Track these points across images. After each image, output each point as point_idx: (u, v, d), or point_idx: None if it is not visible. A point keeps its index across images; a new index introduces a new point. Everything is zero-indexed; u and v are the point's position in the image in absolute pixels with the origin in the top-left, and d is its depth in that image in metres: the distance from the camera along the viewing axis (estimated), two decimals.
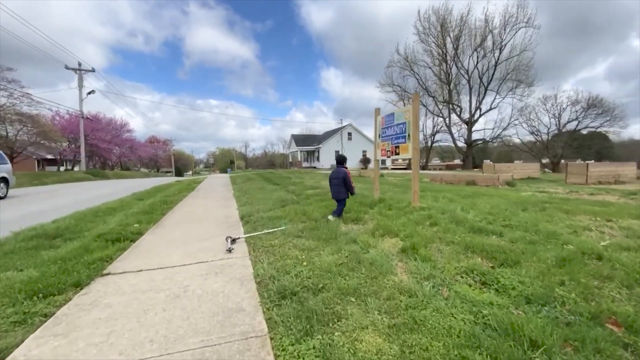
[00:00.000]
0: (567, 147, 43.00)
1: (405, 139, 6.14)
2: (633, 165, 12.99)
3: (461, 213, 5.18)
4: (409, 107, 6.04)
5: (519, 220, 4.56)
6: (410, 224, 4.52)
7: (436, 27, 41.24)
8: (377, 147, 7.32)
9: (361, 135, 46.88)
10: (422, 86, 44.74)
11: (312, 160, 48.98)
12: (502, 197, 7.03)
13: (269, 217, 5.90)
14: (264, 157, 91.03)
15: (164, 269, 3.74)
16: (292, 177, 17.06)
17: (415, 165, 5.94)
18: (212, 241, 4.72)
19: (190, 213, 7.33)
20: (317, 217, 5.38)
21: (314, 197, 8.02)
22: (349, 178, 5.39)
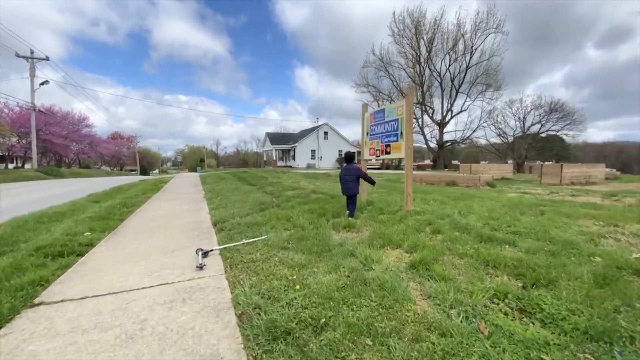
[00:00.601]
0: (530, 149, 45.45)
1: (398, 137, 5.66)
2: (602, 167, 13.63)
3: (460, 218, 4.77)
4: (401, 103, 5.56)
5: (524, 226, 4.20)
6: (411, 232, 4.02)
7: (410, 30, 41.87)
8: (364, 146, 6.80)
9: (337, 134, 46.63)
10: (396, 87, 45.32)
11: (288, 159, 48.05)
12: (492, 199, 6.78)
13: (246, 223, 5.18)
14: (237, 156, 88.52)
15: (116, 294, 2.96)
16: (268, 177, 16.24)
17: (409, 166, 5.47)
18: (180, 254, 3.95)
19: (154, 218, 6.41)
20: (303, 224, 4.74)
21: (295, 199, 7.36)
22: (363, 172, 5.49)
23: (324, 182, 12.37)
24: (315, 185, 10.86)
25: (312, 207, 6.10)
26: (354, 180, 5.35)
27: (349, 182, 5.34)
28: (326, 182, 12.73)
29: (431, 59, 42.51)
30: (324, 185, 11.15)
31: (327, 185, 11.11)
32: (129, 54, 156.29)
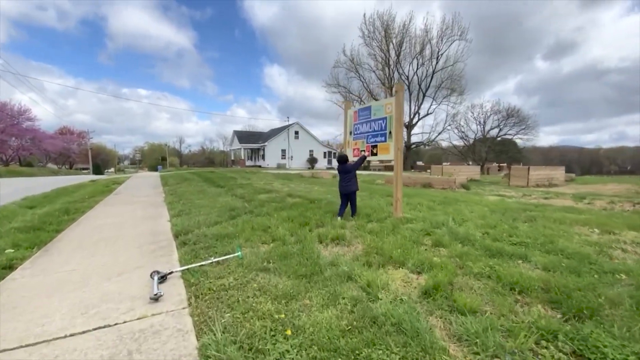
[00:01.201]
0: (490, 152, 48.11)
1: (386, 137, 5.18)
2: (562, 170, 14.40)
3: (457, 226, 4.38)
4: (390, 100, 5.08)
5: (527, 235, 3.89)
6: (410, 245, 3.52)
7: (380, 32, 42.40)
8: (347, 146, 6.26)
9: (308, 134, 46.00)
10: (366, 89, 45.75)
11: (257, 159, 46.60)
12: (477, 203, 6.56)
13: (215, 234, 4.41)
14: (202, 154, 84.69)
15: (31, 347, 2.15)
16: (237, 178, 15.22)
17: (399, 170, 5.01)
18: (129, 278, 3.14)
19: (102, 228, 5.38)
20: (284, 236, 4.07)
21: (270, 205, 6.64)
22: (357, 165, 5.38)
23: (299, 184, 11.70)
24: (289, 188, 10.16)
25: (291, 214, 5.43)
26: (353, 177, 5.24)
27: (349, 180, 5.22)
28: (301, 184, 12.07)
29: (400, 62, 43.39)
30: (299, 187, 10.49)
31: (303, 187, 10.47)
32: (82, 42, 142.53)
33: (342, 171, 5.37)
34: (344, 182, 5.28)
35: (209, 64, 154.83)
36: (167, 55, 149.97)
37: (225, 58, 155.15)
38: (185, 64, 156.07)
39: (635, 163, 75.04)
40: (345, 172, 5.31)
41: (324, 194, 8.48)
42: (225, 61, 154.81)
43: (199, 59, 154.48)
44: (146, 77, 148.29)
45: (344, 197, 5.38)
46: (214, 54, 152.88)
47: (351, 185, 5.23)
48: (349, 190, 5.23)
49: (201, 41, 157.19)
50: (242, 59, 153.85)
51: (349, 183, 5.23)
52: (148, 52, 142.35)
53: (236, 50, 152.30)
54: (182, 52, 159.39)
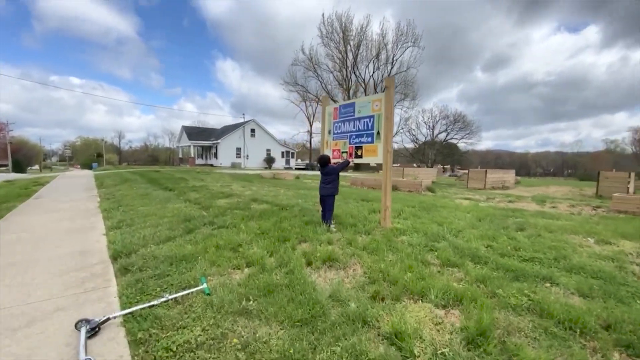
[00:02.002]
0: (438, 154, 51.20)
1: (373, 137, 4.61)
2: (513, 173, 15.42)
3: (456, 239, 3.95)
4: (379, 96, 4.52)
5: (532, 248, 3.57)
6: (417, 265, 2.95)
7: (339, 34, 42.60)
8: (325, 147, 5.59)
9: (265, 132, 44.41)
10: (324, 89, 45.71)
11: (209, 157, 43.78)
12: (455, 208, 6.34)
13: (168, 255, 3.44)
14: (145, 151, 77.58)
15: None
16: (188, 179, 13.68)
17: (388, 174, 4.47)
18: (43, 332, 2.13)
19: (10, 247, 4.03)
20: (261, 257, 3.26)
21: (234, 213, 5.69)
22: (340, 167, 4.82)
23: (261, 187, 10.73)
24: (252, 191, 9.18)
25: (264, 225, 4.60)
26: (335, 179, 4.71)
27: (331, 182, 4.67)
28: (263, 186, 11.10)
29: (357, 65, 44.04)
30: (262, 190, 9.54)
31: (267, 190, 9.54)
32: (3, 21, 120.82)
33: (323, 173, 4.73)
34: (323, 184, 4.72)
35: (154, 54, 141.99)
36: (106, 42, 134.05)
37: (173, 49, 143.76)
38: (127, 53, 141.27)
39: (556, 166, 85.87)
40: (327, 174, 4.68)
41: (293, 198, 7.70)
42: (173, 52, 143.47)
43: (143, 48, 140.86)
44: (80, 65, 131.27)
45: (323, 203, 4.77)
46: (160, 44, 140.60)
47: (330, 187, 4.67)
48: (327, 193, 4.68)
49: (146, 29, 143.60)
50: (191, 50, 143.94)
51: (328, 185, 4.68)
52: (83, 37, 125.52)
53: (185, 41, 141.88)
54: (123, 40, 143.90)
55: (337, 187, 4.70)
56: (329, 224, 4.60)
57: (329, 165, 4.73)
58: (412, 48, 41.58)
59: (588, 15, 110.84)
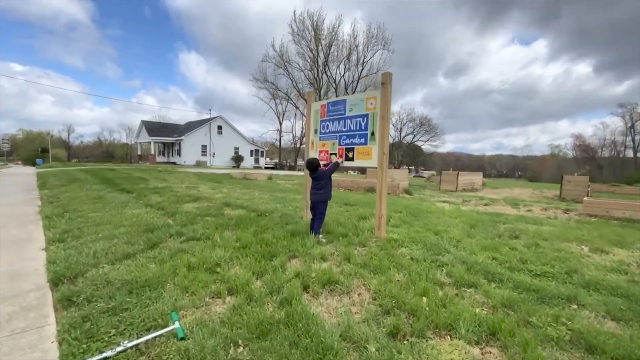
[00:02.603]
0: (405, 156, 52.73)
1: (367, 138, 4.20)
2: (480, 175, 16.00)
3: (457, 250, 3.65)
4: (374, 93, 4.12)
5: (539, 260, 3.36)
6: (431, 288, 2.57)
7: (310, 32, 42.11)
8: (310, 147, 5.09)
9: (233, 130, 42.67)
10: (295, 87, 45.03)
11: (171, 155, 41.20)
12: (440, 213, 6.14)
13: (125, 279, 2.77)
14: (98, 147, 71.55)
15: None
16: (148, 179, 12.46)
17: (383, 179, 4.08)
18: None
19: None
20: (247, 281, 2.69)
21: (206, 221, 5.01)
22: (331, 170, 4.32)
23: (233, 189, 9.94)
24: (223, 194, 8.41)
25: (243, 236, 4.00)
26: (327, 184, 4.23)
27: (322, 187, 4.20)
28: (235, 187, 10.31)
29: (328, 64, 43.86)
30: (234, 193, 8.80)
31: (240, 193, 8.81)
32: None
33: (314, 178, 4.27)
34: (315, 190, 4.25)
35: (110, 42, 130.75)
36: (55, 26, 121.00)
37: (132, 38, 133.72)
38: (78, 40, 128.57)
39: (509, 168, 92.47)
40: (318, 179, 4.22)
41: (271, 202, 7.09)
42: (132, 41, 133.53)
43: (97, 35, 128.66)
44: (23, 49, 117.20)
45: (314, 209, 4.30)
46: (117, 32, 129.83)
47: (322, 193, 4.20)
48: (319, 199, 4.22)
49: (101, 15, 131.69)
50: (153, 41, 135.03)
51: (320, 191, 4.20)
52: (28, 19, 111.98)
53: (146, 30, 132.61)
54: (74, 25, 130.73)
55: (329, 192, 4.25)
56: (318, 233, 4.12)
57: (319, 169, 4.25)
58: (382, 51, 42.24)
59: (538, 30, 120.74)
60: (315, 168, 4.22)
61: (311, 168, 4.25)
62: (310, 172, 4.28)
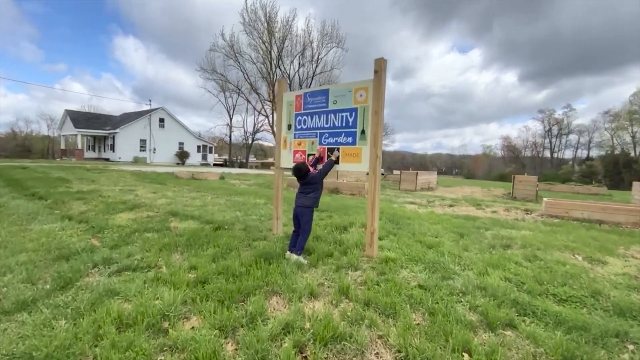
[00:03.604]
0: None
1: (355, 137, 3.50)
2: (435, 174, 16.47)
3: (463, 270, 3.14)
4: (365, 83, 3.43)
5: (555, 280, 2.97)
6: (467, 336, 1.96)
7: (263, 23, 40.35)
8: (282, 145, 4.24)
9: (177, 123, 39.08)
10: (247, 80, 42.93)
11: (103, 150, 36.41)
12: (419, 218, 5.72)
13: (19, 353, 1.70)
14: (12, 140, 60.90)
15: None
16: (71, 179, 10.38)
17: (375, 187, 3.41)
18: None
19: None
20: (213, 351, 1.81)
21: (145, 238, 3.88)
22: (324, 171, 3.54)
23: (180, 191, 8.55)
24: (168, 199, 7.08)
25: (199, 263, 3.03)
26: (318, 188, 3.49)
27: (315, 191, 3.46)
28: (182, 190, 8.91)
29: (282, 58, 42.52)
30: (182, 197, 7.49)
31: (189, 197, 7.53)
32: None
33: (303, 183, 3.52)
34: (303, 193, 3.50)
35: (29, 20, 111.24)
36: None
37: (57, 17, 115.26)
38: None
39: (447, 166, 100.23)
40: (308, 184, 3.48)
41: (229, 209, 6.04)
42: (56, 20, 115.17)
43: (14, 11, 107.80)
44: None
45: (297, 220, 3.51)
46: (38, 8, 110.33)
47: (312, 197, 3.45)
48: (306, 204, 3.44)
49: None
50: (81, 21, 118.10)
51: (310, 194, 3.46)
52: None
53: (73, 8, 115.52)
54: None
55: (318, 199, 3.49)
56: (299, 252, 3.32)
57: (309, 174, 3.45)
58: (337, 49, 42.18)
59: (473, 40, 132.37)
60: (304, 175, 3.42)
61: (300, 175, 3.43)
62: (299, 179, 3.47)
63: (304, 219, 3.39)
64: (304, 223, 3.39)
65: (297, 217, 3.48)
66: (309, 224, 3.41)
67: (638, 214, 6.34)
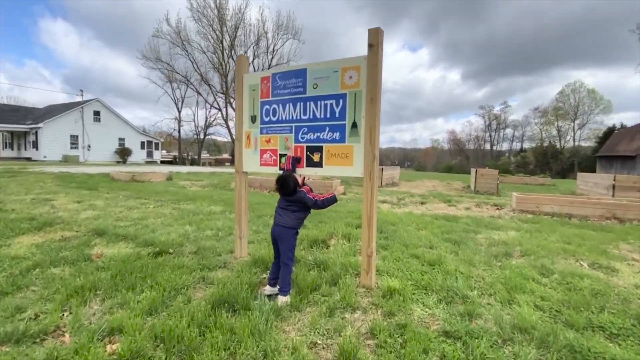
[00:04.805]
0: None
1: (344, 132, 2.69)
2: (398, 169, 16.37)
3: (483, 298, 2.51)
4: (356, 61, 2.63)
5: (589, 304, 2.46)
6: None
7: (213, 10, 37.58)
8: (245, 143, 3.28)
9: (116, 116, 34.85)
10: (197, 71, 39.84)
11: (24, 147, 31.20)
12: (401, 222, 5.12)
13: None
14: None
15: None
16: None
17: (374, 194, 2.64)
18: None
19: None
20: None
21: (50, 275, 2.71)
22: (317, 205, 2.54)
23: (115, 198, 7.03)
24: (96, 210, 5.65)
25: (126, 324, 2.00)
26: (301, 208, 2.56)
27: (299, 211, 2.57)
28: (116, 197, 7.36)
29: (234, 48, 40.09)
30: (116, 206, 6.07)
31: (125, 207, 6.13)
32: None
33: (287, 200, 2.57)
34: (282, 209, 2.58)
35: None
36: None
37: None
38: None
39: (400, 159, 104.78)
40: (293, 202, 2.55)
41: (176, 221, 4.87)
42: None
43: None
44: None
45: (276, 245, 2.61)
46: None
47: (295, 216, 2.54)
48: (287, 224, 2.52)
49: None
50: None
51: (295, 213, 2.54)
52: None
53: None
54: None
55: (302, 219, 2.60)
56: (284, 292, 2.44)
57: (297, 191, 2.51)
58: (293, 41, 40.84)
59: (422, 40, 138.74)
60: (291, 193, 2.50)
61: (285, 192, 2.52)
62: (283, 195, 2.55)
63: (285, 245, 2.50)
64: (285, 249, 2.51)
65: (275, 242, 2.58)
66: (291, 251, 2.53)
67: (602, 206, 6.45)
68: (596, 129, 50.40)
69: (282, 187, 2.50)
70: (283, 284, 2.48)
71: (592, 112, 52.32)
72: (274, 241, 2.61)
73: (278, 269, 2.56)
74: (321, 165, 2.79)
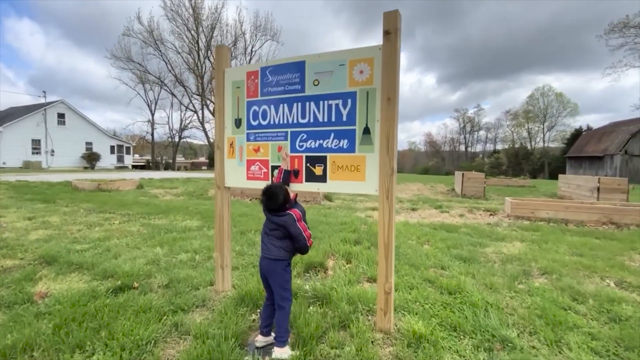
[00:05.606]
0: None
1: (354, 140, 2.18)
2: None
3: (523, 339, 2.08)
4: (369, 53, 2.13)
5: (637, 337, 2.09)
6: None
7: (188, 9, 36.25)
8: (227, 151, 2.69)
9: (82, 119, 32.61)
10: (171, 72, 38.22)
11: None
12: (403, 236, 4.68)
13: None
14: None
15: None
16: None
17: (391, 216, 2.15)
18: None
19: None
20: None
21: None
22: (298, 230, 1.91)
23: (75, 213, 6.14)
24: (49, 228, 4.82)
25: None
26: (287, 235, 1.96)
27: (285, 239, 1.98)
28: (76, 212, 6.46)
29: (211, 49, 38.84)
30: (74, 224, 5.24)
31: (84, 223, 5.30)
32: None
33: (274, 222, 1.99)
34: (270, 237, 2.01)
35: None
36: None
37: None
38: None
39: None
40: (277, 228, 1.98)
41: (144, 242, 4.17)
42: None
43: None
44: None
45: (266, 281, 2.04)
46: None
47: (284, 246, 1.99)
48: (276, 256, 1.97)
49: None
50: None
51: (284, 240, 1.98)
52: None
53: None
54: None
55: (292, 249, 2.01)
56: (281, 343, 1.89)
57: (286, 213, 1.95)
58: (271, 42, 40.12)
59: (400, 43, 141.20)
60: (280, 207, 1.94)
61: (273, 207, 1.96)
62: (269, 211, 1.98)
63: (277, 281, 1.96)
64: (277, 288, 1.96)
65: (266, 279, 2.02)
66: (286, 288, 1.98)
67: (598, 211, 6.33)
68: (563, 131, 52.98)
69: (269, 200, 1.93)
70: (280, 332, 1.93)
71: (560, 114, 54.95)
72: (263, 277, 2.05)
73: (271, 312, 2.01)
74: (325, 179, 2.26)
